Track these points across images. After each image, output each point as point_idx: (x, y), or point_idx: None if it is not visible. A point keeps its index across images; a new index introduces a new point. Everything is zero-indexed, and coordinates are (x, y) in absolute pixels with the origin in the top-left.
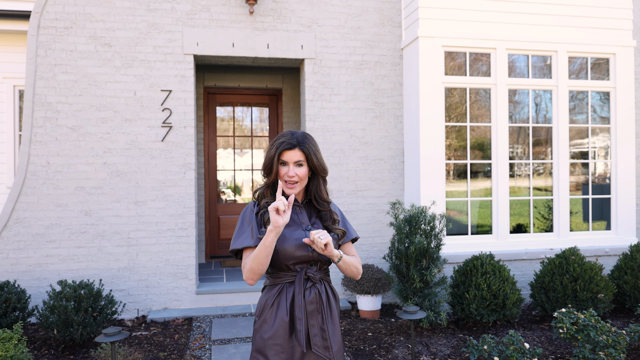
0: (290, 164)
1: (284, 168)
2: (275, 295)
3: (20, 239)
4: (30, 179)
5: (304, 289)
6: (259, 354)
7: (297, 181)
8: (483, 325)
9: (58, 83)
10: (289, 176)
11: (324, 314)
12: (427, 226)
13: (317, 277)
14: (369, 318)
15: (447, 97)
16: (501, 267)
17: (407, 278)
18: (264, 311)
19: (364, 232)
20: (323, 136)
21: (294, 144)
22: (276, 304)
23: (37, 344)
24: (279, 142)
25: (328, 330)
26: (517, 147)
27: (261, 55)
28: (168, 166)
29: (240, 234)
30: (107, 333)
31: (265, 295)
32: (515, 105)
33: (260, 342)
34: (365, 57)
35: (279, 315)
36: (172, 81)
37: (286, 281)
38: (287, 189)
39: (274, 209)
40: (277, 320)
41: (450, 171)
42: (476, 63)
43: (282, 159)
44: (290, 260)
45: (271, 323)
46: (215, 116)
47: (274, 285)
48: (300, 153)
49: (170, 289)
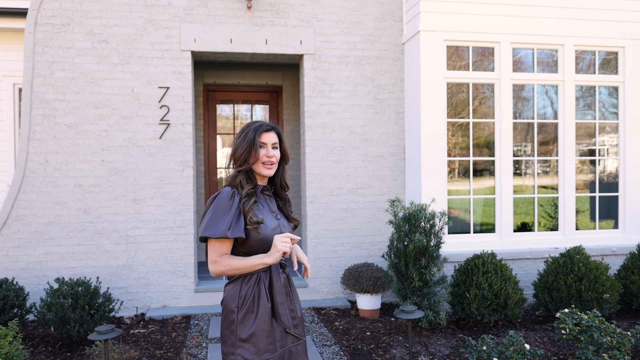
0: (268, 145)
1: (262, 150)
2: (254, 285)
3: (20, 236)
4: (29, 177)
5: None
6: (246, 342)
7: (274, 162)
8: (484, 326)
9: (56, 80)
10: (268, 156)
11: (291, 297)
12: (426, 224)
13: (285, 263)
14: (369, 317)
15: (452, 93)
16: (503, 266)
17: (406, 277)
18: (246, 301)
19: (364, 230)
20: (322, 133)
21: (271, 127)
22: (257, 293)
23: (35, 341)
24: (256, 126)
25: (296, 310)
26: (525, 144)
27: (259, 51)
28: (166, 164)
29: (213, 221)
30: (100, 331)
31: (244, 287)
32: (521, 102)
33: (246, 332)
34: (366, 53)
35: (262, 303)
36: (169, 78)
37: (261, 270)
38: (266, 170)
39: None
40: (261, 307)
41: (455, 169)
42: (479, 57)
43: (261, 140)
44: (269, 249)
45: (255, 312)
46: (216, 114)
47: (251, 276)
48: (276, 136)
49: (169, 287)
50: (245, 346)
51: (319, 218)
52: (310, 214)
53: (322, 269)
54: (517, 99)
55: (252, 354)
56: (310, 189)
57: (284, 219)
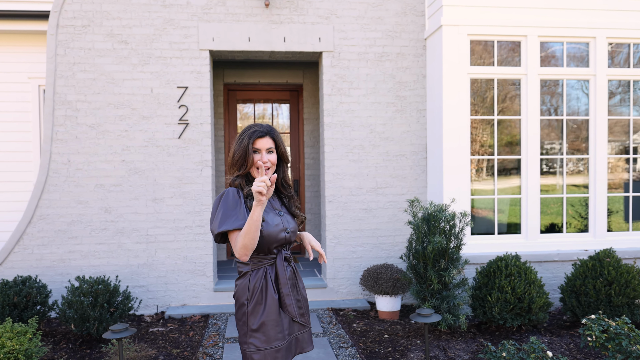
0: (262, 151)
1: (256, 155)
2: (261, 278)
3: (44, 235)
4: (52, 177)
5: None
6: (257, 332)
7: (269, 167)
8: (507, 330)
9: (77, 82)
10: (263, 162)
11: (297, 287)
12: (446, 225)
13: (290, 256)
14: (388, 319)
15: (476, 90)
16: (527, 268)
17: (425, 279)
18: (255, 294)
19: (384, 230)
20: (342, 132)
21: (265, 132)
22: (264, 286)
23: (57, 338)
24: (250, 132)
25: (302, 300)
26: (560, 142)
27: (277, 49)
28: (185, 163)
29: (227, 217)
30: (115, 329)
31: (252, 280)
32: (553, 98)
33: (256, 322)
34: (386, 49)
35: (269, 295)
36: (188, 77)
37: (267, 264)
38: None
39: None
40: (269, 299)
41: (483, 168)
42: (505, 52)
43: (255, 146)
44: (273, 244)
45: (264, 303)
46: (236, 113)
47: (257, 270)
48: (271, 140)
49: (188, 286)
50: (256, 335)
51: (338, 218)
52: (329, 213)
53: (342, 269)
54: (550, 95)
55: (262, 343)
56: (330, 188)
57: (287, 214)
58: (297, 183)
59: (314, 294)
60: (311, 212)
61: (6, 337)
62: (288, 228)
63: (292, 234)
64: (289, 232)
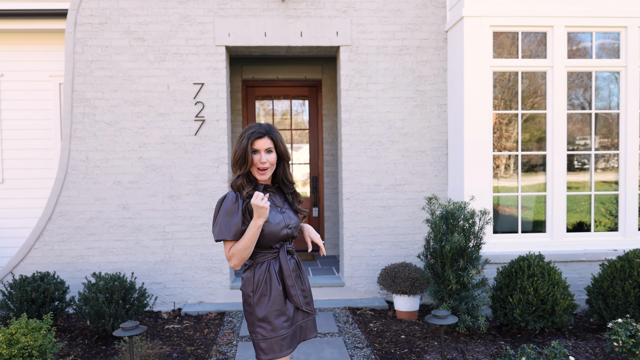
0: (261, 151)
1: (255, 156)
2: (265, 271)
3: (64, 231)
4: (71, 174)
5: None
6: (263, 322)
7: (267, 167)
8: (528, 333)
9: (95, 79)
10: (262, 162)
11: (302, 278)
12: (465, 223)
13: (293, 250)
14: (406, 319)
15: (499, 84)
16: (551, 269)
17: (443, 279)
18: (259, 286)
19: (403, 228)
20: (360, 128)
21: (264, 132)
22: (268, 278)
23: (74, 333)
24: (249, 133)
25: (307, 290)
26: (595, 137)
27: (294, 44)
28: (201, 160)
29: (226, 224)
30: (125, 327)
31: (256, 273)
32: (583, 92)
33: (262, 312)
34: (406, 42)
35: (273, 286)
36: (204, 74)
37: (270, 258)
38: (260, 175)
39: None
40: (273, 290)
41: (509, 165)
42: (529, 44)
43: (254, 147)
44: (275, 241)
45: (269, 294)
46: (255, 109)
47: (261, 263)
48: (269, 141)
49: (204, 283)
50: (263, 325)
51: (356, 215)
52: (346, 211)
53: (359, 267)
54: (582, 88)
55: (269, 332)
56: (347, 185)
57: (290, 211)
58: (316, 180)
59: (331, 292)
60: (330, 210)
61: (20, 333)
62: (290, 224)
63: (294, 230)
64: (291, 228)
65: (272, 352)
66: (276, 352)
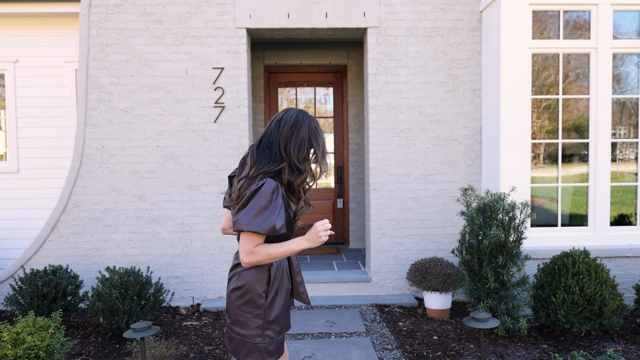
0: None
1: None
2: (279, 269)
3: (78, 223)
4: (86, 163)
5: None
6: (273, 324)
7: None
8: (573, 335)
9: (110, 64)
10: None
11: (301, 275)
12: (505, 216)
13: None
14: (437, 318)
15: (536, 68)
16: (598, 266)
17: (480, 277)
18: (274, 286)
19: (433, 221)
20: (388, 114)
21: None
22: (280, 276)
23: (87, 330)
24: (323, 139)
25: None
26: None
27: (319, 25)
28: (221, 149)
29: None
30: (136, 328)
31: (272, 271)
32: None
33: (273, 314)
34: (437, 23)
35: (284, 285)
36: (224, 58)
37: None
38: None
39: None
40: (284, 289)
41: (540, 155)
42: (571, 23)
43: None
44: (290, 237)
45: (281, 294)
46: (277, 96)
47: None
48: None
49: (224, 277)
50: (272, 327)
51: (384, 207)
52: (373, 202)
53: (387, 262)
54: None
55: (276, 333)
56: (374, 175)
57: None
58: (341, 170)
59: (357, 288)
60: (355, 201)
61: (27, 332)
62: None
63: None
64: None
65: (278, 352)
66: (280, 352)
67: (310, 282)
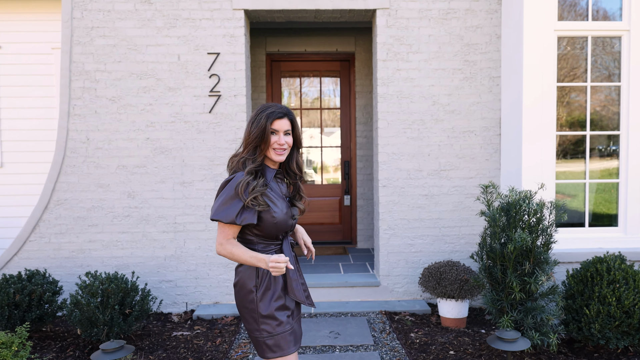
0: (280, 132)
1: (274, 137)
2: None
3: (62, 222)
4: (70, 157)
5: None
6: (267, 318)
7: (286, 149)
8: (609, 352)
9: (96, 48)
10: (280, 144)
11: (300, 272)
12: (531, 218)
13: (294, 242)
14: (453, 327)
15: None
16: (636, 273)
17: (503, 286)
18: (263, 280)
19: (448, 220)
20: (399, 104)
21: (284, 113)
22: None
23: (65, 343)
24: (268, 112)
25: (305, 283)
26: None
27: (324, 7)
28: (217, 142)
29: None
30: (106, 349)
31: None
32: None
33: (266, 308)
34: (453, 5)
35: (277, 280)
36: (220, 42)
37: (273, 249)
38: (277, 156)
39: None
40: (278, 284)
41: (564, 148)
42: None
43: (273, 127)
44: (281, 231)
45: (272, 289)
46: (280, 86)
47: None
48: (288, 122)
49: (220, 282)
50: (267, 321)
51: (394, 205)
52: (382, 200)
53: (397, 265)
54: None
55: (275, 327)
56: (383, 170)
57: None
58: (348, 165)
59: (365, 293)
60: (363, 198)
61: None
62: (294, 215)
63: (296, 221)
64: (295, 218)
65: (280, 349)
66: (283, 349)
67: (314, 287)
